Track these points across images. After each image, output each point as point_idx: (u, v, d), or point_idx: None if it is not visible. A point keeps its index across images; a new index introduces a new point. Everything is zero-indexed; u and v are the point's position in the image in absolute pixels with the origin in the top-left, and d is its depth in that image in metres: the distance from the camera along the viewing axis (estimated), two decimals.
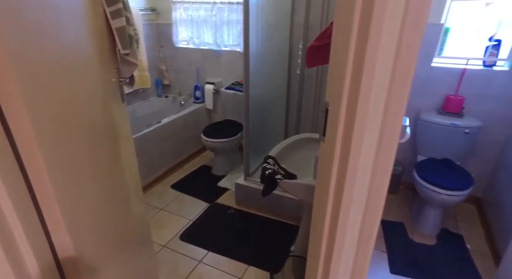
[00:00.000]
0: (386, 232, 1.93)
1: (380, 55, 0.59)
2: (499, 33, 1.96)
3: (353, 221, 0.77)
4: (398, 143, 1.98)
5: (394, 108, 0.65)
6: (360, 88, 0.62)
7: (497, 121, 2.03)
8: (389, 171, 0.73)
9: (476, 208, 2.21)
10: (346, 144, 0.68)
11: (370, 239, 0.81)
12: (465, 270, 1.65)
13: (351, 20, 0.60)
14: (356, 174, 0.70)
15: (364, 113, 0.64)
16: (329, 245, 0.81)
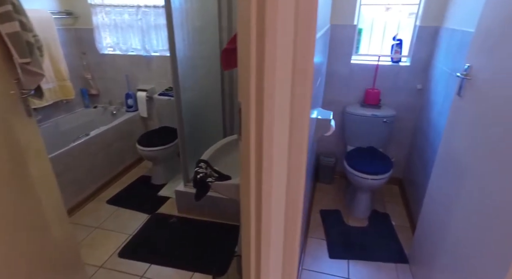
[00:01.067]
0: (325, 221, 2.06)
1: (279, 55, 0.64)
2: (400, 33, 2.23)
3: (276, 214, 0.81)
4: (326, 136, 2.09)
5: (299, 105, 0.70)
6: (264, 88, 0.66)
7: (406, 110, 2.31)
8: (303, 164, 0.78)
9: (399, 188, 2.48)
10: (259, 141, 0.71)
11: (295, 231, 0.86)
12: (391, 244, 1.85)
13: (248, 25, 0.63)
14: (271, 168, 0.73)
15: (271, 111, 0.68)
16: (257, 240, 0.84)
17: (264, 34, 0.61)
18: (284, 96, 0.68)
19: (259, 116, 0.70)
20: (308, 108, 0.72)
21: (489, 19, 1.16)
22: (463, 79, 1.29)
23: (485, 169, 1.07)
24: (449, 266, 1.26)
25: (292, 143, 0.74)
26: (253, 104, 0.70)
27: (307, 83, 0.69)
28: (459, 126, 1.31)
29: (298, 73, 0.67)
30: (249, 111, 0.71)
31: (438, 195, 1.44)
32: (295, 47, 0.65)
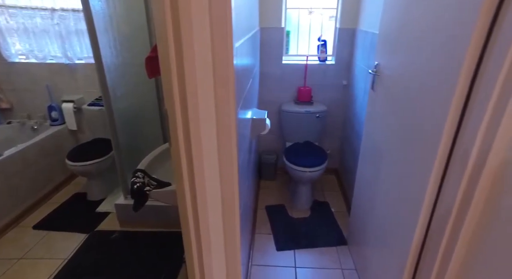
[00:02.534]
0: (270, 216, 2.14)
1: (198, 62, 0.66)
2: (324, 35, 2.42)
3: (213, 216, 0.83)
4: (266, 134, 2.16)
5: (224, 108, 0.73)
6: (187, 94, 0.68)
7: (336, 105, 2.51)
8: (234, 164, 0.81)
9: (336, 177, 2.69)
10: (188, 146, 0.73)
11: (235, 231, 0.89)
12: (331, 230, 2.00)
13: (166, 36, 0.64)
14: (203, 172, 0.75)
15: (196, 115, 0.70)
16: (198, 243, 0.85)
17: (181, 44, 0.63)
18: (207, 101, 0.70)
19: (185, 122, 0.71)
20: (233, 110, 0.75)
21: (387, 24, 1.34)
22: (374, 75, 1.46)
23: (396, 152, 1.23)
24: (376, 240, 1.42)
25: (221, 145, 0.77)
26: (178, 110, 0.71)
27: (230, 87, 0.72)
28: (375, 117, 1.48)
29: (220, 78, 0.70)
30: (175, 118, 0.72)
31: (365, 180, 1.61)
32: (213, 54, 0.67)
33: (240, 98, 1.08)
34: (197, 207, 0.79)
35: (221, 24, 0.65)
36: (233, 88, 0.73)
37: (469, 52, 0.80)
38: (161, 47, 0.70)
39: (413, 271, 1.12)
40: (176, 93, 0.69)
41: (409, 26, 1.13)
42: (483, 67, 0.78)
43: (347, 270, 1.68)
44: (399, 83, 1.20)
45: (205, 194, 0.78)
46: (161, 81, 2.18)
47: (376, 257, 1.43)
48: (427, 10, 1.01)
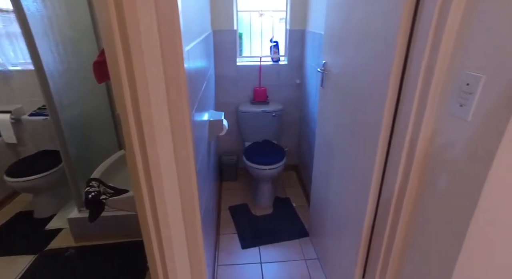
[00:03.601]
0: (234, 216, 2.16)
1: (148, 66, 0.66)
2: (276, 36, 2.50)
3: (174, 220, 0.83)
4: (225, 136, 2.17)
5: (178, 110, 0.74)
6: (139, 98, 0.68)
7: (291, 103, 2.61)
8: (192, 165, 0.82)
9: (295, 173, 2.79)
10: (143, 150, 0.72)
11: (197, 234, 0.90)
12: (293, 223, 2.08)
13: (113, 40, 0.63)
14: (161, 175, 0.75)
15: (149, 119, 0.70)
16: (160, 249, 0.84)
17: (129, 48, 0.63)
18: (160, 104, 0.70)
19: (139, 126, 0.71)
20: (187, 113, 0.76)
21: (330, 26, 1.43)
22: (322, 74, 1.55)
23: (346, 145, 1.32)
24: (333, 229, 1.51)
25: (177, 148, 0.77)
26: (130, 115, 0.71)
27: (182, 90, 0.73)
28: (326, 113, 1.58)
29: (171, 81, 0.71)
30: (128, 122, 0.71)
31: (320, 173, 1.71)
32: (163, 57, 0.68)
33: (195, 100, 1.09)
34: (157, 212, 0.79)
35: (170, 27, 0.66)
36: (185, 91, 0.74)
37: (397, 54, 0.90)
38: (108, 51, 0.69)
39: (365, 252, 1.21)
40: (127, 97, 0.69)
41: (349, 28, 1.23)
42: (408, 64, 0.88)
43: (310, 260, 1.76)
44: (345, 80, 1.30)
45: (164, 198, 0.78)
46: (111, 86, 2.07)
47: (334, 244, 1.52)
48: (362, 14, 1.10)
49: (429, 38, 0.78)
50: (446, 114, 0.77)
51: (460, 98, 0.72)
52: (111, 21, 0.62)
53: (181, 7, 0.71)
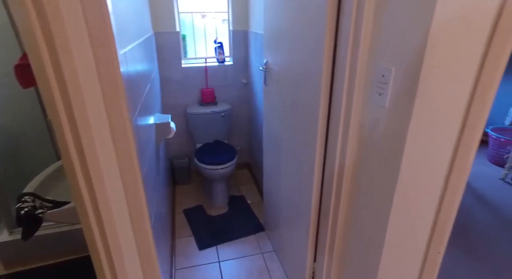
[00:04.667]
0: (189, 219, 2.14)
1: (80, 70, 0.64)
2: (219, 37, 2.52)
3: (122, 228, 0.81)
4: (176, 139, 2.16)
5: (117, 115, 0.73)
6: (72, 104, 0.65)
7: (239, 102, 2.66)
8: (137, 170, 0.81)
9: (248, 171, 2.85)
10: (81, 156, 0.70)
11: (148, 241, 0.88)
12: (249, 220, 2.13)
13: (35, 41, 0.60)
14: (103, 182, 0.73)
15: (87, 125, 0.68)
16: (109, 260, 0.82)
17: (57, 52, 0.61)
18: (97, 108, 0.69)
19: (74, 133, 0.68)
20: (127, 117, 0.75)
21: (268, 26, 1.50)
22: (265, 72, 1.62)
23: (290, 138, 1.40)
24: (284, 220, 1.59)
25: (120, 153, 0.76)
26: (65, 121, 0.68)
27: (120, 94, 0.72)
28: (270, 109, 1.65)
29: (108, 85, 0.70)
30: (62, 129, 0.68)
31: (270, 168, 1.77)
32: (97, 60, 0.66)
33: (137, 104, 1.07)
34: (102, 222, 0.76)
35: (100, 27, 0.65)
36: (124, 94, 0.73)
37: (325, 52, 0.99)
38: (31, 54, 0.65)
39: (315, 238, 1.30)
40: (59, 103, 0.66)
41: (284, 28, 1.30)
42: (336, 61, 0.98)
43: (267, 253, 1.82)
44: (285, 77, 1.37)
45: (109, 207, 0.76)
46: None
47: (287, 235, 1.60)
48: (294, 15, 1.18)
49: (350, 37, 0.88)
50: (370, 103, 0.87)
51: (379, 88, 0.82)
52: (30, 20, 0.59)
53: (112, 7, 0.70)
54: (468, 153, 0.73)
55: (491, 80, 0.65)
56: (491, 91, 0.67)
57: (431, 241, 0.83)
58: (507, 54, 0.64)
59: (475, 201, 2.36)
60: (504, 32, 0.62)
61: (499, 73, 0.65)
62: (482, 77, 0.67)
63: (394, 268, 0.89)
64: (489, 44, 0.64)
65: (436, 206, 0.80)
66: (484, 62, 0.66)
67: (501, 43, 0.63)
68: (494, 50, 0.64)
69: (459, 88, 0.70)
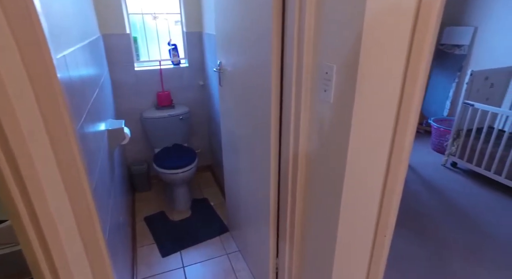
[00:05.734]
0: (151, 226, 2.07)
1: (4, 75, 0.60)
2: (173, 39, 2.47)
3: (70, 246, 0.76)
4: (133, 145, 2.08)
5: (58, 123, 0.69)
6: None
7: (197, 104, 2.63)
8: (83, 181, 0.76)
9: (211, 173, 2.83)
10: (14, 167, 0.65)
11: (102, 256, 0.84)
12: (213, 222, 2.11)
13: None
14: (43, 195, 0.68)
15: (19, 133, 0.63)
16: None
17: None
18: (31, 117, 0.64)
19: (5, 146, 0.63)
20: (70, 125, 0.71)
21: (220, 27, 1.51)
22: (219, 73, 1.62)
23: (246, 136, 1.42)
24: (246, 218, 1.61)
25: (62, 163, 0.71)
26: None
27: (59, 100, 0.68)
28: (226, 110, 1.65)
29: (43, 91, 0.66)
30: None
31: (230, 168, 1.78)
32: (26, 65, 0.62)
33: (83, 111, 1.02)
34: (45, 241, 0.71)
35: (27, 30, 0.61)
36: (63, 101, 0.69)
37: (273, 52, 1.02)
38: None
39: (276, 234, 1.33)
40: None
41: (234, 28, 1.32)
42: (284, 60, 1.01)
43: (232, 254, 1.83)
44: (238, 77, 1.39)
45: (54, 223, 0.71)
46: None
47: (251, 233, 1.62)
48: (243, 17, 1.20)
49: (294, 36, 0.92)
50: (317, 99, 0.91)
51: (324, 85, 0.87)
52: None
53: (42, 8, 0.66)
54: (403, 140, 0.79)
55: (416, 72, 0.72)
56: (418, 81, 0.73)
57: (378, 225, 0.89)
58: (427, 49, 0.71)
59: (422, 187, 2.56)
60: (422, 30, 0.69)
61: (423, 67, 0.72)
62: (409, 71, 0.73)
63: (347, 254, 0.94)
64: (411, 42, 0.71)
65: (381, 191, 0.86)
66: (409, 58, 0.73)
67: (420, 41, 0.70)
68: (416, 46, 0.71)
69: (392, 82, 0.76)
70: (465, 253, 1.83)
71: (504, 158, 2.43)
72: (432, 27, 0.68)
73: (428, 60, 0.72)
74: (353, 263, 0.97)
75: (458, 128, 2.80)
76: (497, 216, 2.17)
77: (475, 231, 2.02)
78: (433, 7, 0.67)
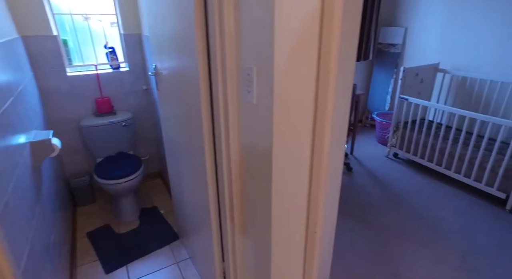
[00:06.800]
0: (94, 241, 1.94)
1: None
2: (110, 41, 2.34)
3: None
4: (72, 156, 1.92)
5: None
6: None
7: (142, 110, 2.52)
8: None
9: (161, 180, 2.73)
10: None
11: None
12: (162, 231, 2.04)
13: None
14: None
15: None
16: None
17: None
18: None
19: None
20: None
21: (152, 29, 1.46)
22: (155, 77, 1.56)
23: (184, 140, 1.38)
24: (192, 222, 1.57)
25: None
26: None
27: None
28: (166, 114, 1.60)
29: None
30: None
31: (174, 173, 1.73)
32: None
33: None
34: None
35: None
36: None
37: (199, 55, 1.00)
38: None
39: (219, 237, 1.31)
40: None
41: (164, 32, 1.28)
42: (211, 63, 1.00)
43: (182, 262, 1.77)
44: (172, 81, 1.35)
45: None
46: None
47: (197, 238, 1.58)
48: (170, 21, 1.17)
49: (217, 40, 0.90)
50: (243, 101, 0.91)
51: (247, 86, 0.87)
52: None
53: None
54: (323, 141, 0.82)
55: (327, 73, 0.75)
56: (330, 83, 0.76)
57: (308, 222, 0.91)
58: (334, 52, 0.73)
59: (368, 178, 2.72)
60: (327, 34, 0.72)
61: (332, 68, 0.75)
62: (320, 72, 0.76)
63: (282, 252, 0.95)
64: (320, 45, 0.74)
65: (307, 189, 0.89)
66: (319, 60, 0.75)
67: (327, 45, 0.72)
68: (324, 50, 0.73)
69: (306, 84, 0.78)
70: (401, 235, 1.98)
71: (434, 147, 2.67)
72: (336, 31, 0.71)
73: (335, 63, 0.75)
74: (289, 260, 0.99)
75: (396, 121, 3.01)
76: (428, 199, 2.37)
77: (411, 214, 2.19)
78: (335, 12, 0.70)
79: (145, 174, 2.68)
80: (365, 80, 4.02)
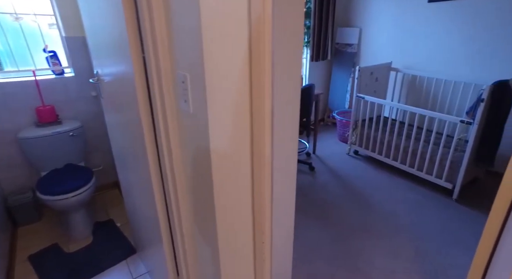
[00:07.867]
0: (37, 265, 1.77)
1: None
2: (50, 45, 2.16)
3: None
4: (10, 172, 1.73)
5: None
6: None
7: (92, 117, 2.36)
8: None
9: (119, 190, 2.58)
10: None
11: None
12: (119, 245, 1.92)
13: None
14: None
15: None
16: None
17: None
18: None
19: None
20: None
21: (89, 34, 1.36)
22: (97, 84, 1.46)
23: (129, 148, 1.30)
24: (147, 236, 1.49)
25: None
26: None
27: None
28: (111, 123, 1.50)
29: None
30: None
31: (125, 183, 1.63)
32: None
33: None
34: None
35: None
36: None
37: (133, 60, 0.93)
38: None
39: (171, 247, 1.25)
40: None
41: (100, 38, 1.19)
42: (147, 66, 0.93)
43: (139, 277, 1.68)
44: (113, 88, 1.26)
45: None
46: None
47: (152, 251, 1.50)
48: (104, 27, 1.08)
49: (149, 44, 0.84)
50: (180, 110, 0.86)
51: (183, 95, 0.81)
52: None
53: None
54: (263, 149, 0.79)
55: (260, 80, 0.72)
56: (266, 90, 0.73)
57: (254, 232, 0.88)
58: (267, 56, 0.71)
59: (330, 176, 2.77)
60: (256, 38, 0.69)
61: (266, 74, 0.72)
62: (253, 78, 0.73)
63: (232, 263, 0.92)
64: (250, 51, 0.71)
65: (251, 197, 0.85)
66: (251, 67, 0.72)
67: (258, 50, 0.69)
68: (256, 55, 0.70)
69: (240, 89, 0.74)
70: (361, 231, 2.03)
71: (390, 143, 2.78)
72: (267, 35, 0.68)
73: (269, 64, 0.72)
74: (239, 273, 0.95)
75: (355, 119, 3.10)
76: (386, 194, 2.46)
77: (370, 210, 2.25)
78: (266, 18, 0.67)
79: (100, 185, 2.53)
80: (325, 79, 4.11)
